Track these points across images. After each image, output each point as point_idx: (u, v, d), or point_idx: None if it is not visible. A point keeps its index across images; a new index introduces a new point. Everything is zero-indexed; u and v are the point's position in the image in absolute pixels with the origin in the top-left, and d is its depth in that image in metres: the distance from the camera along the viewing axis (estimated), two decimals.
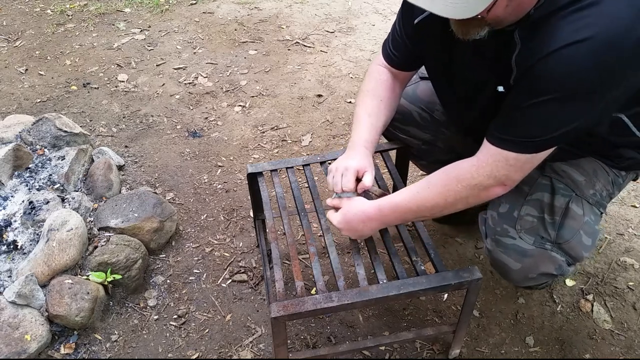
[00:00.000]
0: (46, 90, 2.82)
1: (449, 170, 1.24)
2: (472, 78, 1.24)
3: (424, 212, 1.31)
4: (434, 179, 1.26)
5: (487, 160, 1.16)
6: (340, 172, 1.39)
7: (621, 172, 1.37)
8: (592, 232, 1.31)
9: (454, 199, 1.23)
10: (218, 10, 3.55)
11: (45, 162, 2.05)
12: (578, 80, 1.00)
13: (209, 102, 2.72)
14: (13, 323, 1.54)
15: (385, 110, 1.48)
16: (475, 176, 1.18)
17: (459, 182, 1.21)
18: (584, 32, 0.97)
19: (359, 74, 2.89)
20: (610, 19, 0.97)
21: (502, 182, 1.18)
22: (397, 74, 1.50)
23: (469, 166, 1.19)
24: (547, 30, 1.01)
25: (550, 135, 1.09)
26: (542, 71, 1.01)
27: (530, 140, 1.11)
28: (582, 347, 1.61)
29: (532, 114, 1.07)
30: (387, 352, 1.62)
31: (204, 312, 1.75)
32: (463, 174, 1.20)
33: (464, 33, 1.08)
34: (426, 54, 1.38)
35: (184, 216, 2.09)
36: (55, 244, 1.67)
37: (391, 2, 3.57)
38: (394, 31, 1.44)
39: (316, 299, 1.24)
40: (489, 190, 1.20)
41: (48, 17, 3.51)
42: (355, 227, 1.36)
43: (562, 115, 1.05)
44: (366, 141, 1.43)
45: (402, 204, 1.30)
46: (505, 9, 1.01)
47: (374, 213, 1.33)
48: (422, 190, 1.27)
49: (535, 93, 1.04)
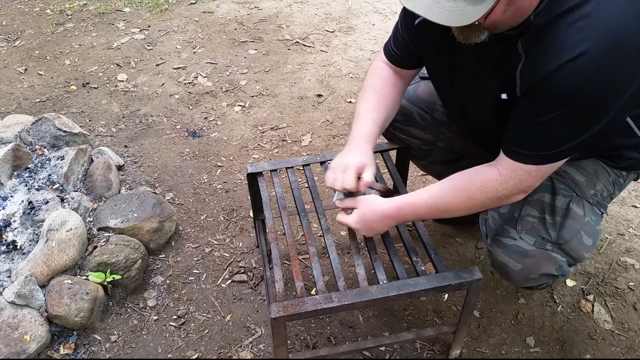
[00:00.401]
0: (45, 90, 2.82)
1: (472, 179, 1.24)
2: (474, 82, 1.25)
3: (442, 214, 1.35)
4: (457, 186, 1.27)
5: (510, 175, 1.18)
6: (340, 169, 1.37)
7: (622, 172, 1.37)
8: (593, 232, 1.31)
9: (475, 206, 1.26)
10: (218, 9, 3.55)
11: (45, 162, 2.04)
12: (587, 92, 1.01)
13: (209, 102, 2.72)
14: (12, 323, 1.54)
15: (387, 106, 1.46)
16: (500, 190, 1.20)
17: (483, 193, 1.22)
18: (585, 44, 0.97)
19: (359, 73, 2.89)
20: (610, 25, 0.97)
21: (524, 190, 1.22)
22: (399, 72, 1.49)
23: (493, 179, 1.20)
24: (549, 42, 1.02)
25: (568, 145, 1.11)
26: (551, 87, 1.03)
27: (549, 152, 1.13)
28: (583, 348, 1.61)
29: (547, 129, 1.08)
30: (387, 352, 1.61)
31: (203, 313, 1.74)
32: (488, 187, 1.21)
33: (464, 37, 1.09)
34: (427, 54, 1.38)
35: (184, 216, 2.09)
36: (55, 244, 1.66)
37: (391, 2, 3.57)
38: (396, 30, 1.43)
39: (316, 299, 1.24)
40: (510, 199, 1.23)
41: (47, 17, 3.50)
42: (373, 226, 1.36)
43: (577, 126, 1.07)
44: (366, 135, 1.41)
45: (423, 206, 1.30)
46: (503, 14, 1.01)
47: (393, 213, 1.33)
48: (445, 196, 1.27)
49: (547, 109, 1.06)
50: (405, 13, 1.37)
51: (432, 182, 2.18)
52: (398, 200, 1.34)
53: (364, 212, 1.35)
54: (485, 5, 0.95)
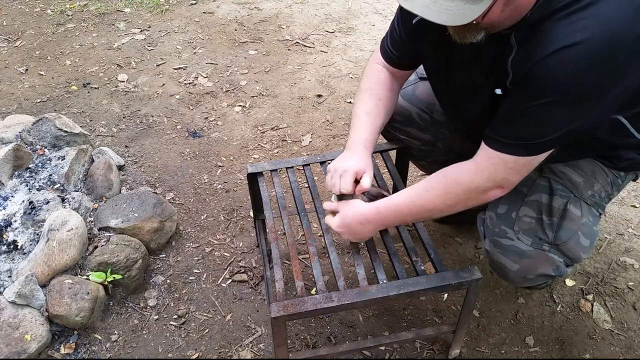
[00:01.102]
0: (46, 90, 2.83)
1: (447, 173, 1.24)
2: (469, 80, 1.24)
3: (423, 214, 1.32)
4: (433, 182, 1.26)
5: (486, 163, 1.16)
6: (338, 173, 1.38)
7: (620, 172, 1.37)
8: (590, 233, 1.31)
9: (453, 201, 1.24)
10: (218, 10, 3.55)
11: (46, 162, 2.05)
12: (575, 83, 0.99)
13: (209, 102, 2.72)
14: (13, 323, 1.54)
15: (384, 109, 1.48)
16: (474, 180, 1.19)
17: (458, 185, 1.21)
18: (580, 35, 0.96)
19: (359, 74, 2.89)
20: (607, 20, 0.96)
21: (500, 185, 1.19)
22: (395, 73, 1.49)
23: (468, 170, 1.20)
24: (543, 34, 1.01)
25: (548, 137, 1.08)
26: (538, 74, 1.01)
27: (528, 142, 1.10)
28: (582, 347, 1.62)
29: (529, 117, 1.07)
30: (387, 352, 1.62)
31: (204, 312, 1.75)
32: (462, 178, 1.21)
33: (460, 37, 1.08)
34: (424, 53, 1.37)
35: (184, 216, 2.10)
36: (55, 244, 1.67)
37: (391, 2, 3.57)
38: (392, 29, 1.43)
39: (316, 299, 1.25)
40: (487, 193, 1.21)
41: (48, 17, 3.51)
42: (355, 230, 1.36)
43: (559, 117, 1.05)
44: (365, 140, 1.42)
45: (401, 207, 1.30)
46: (500, 14, 1.01)
47: (372, 215, 1.33)
48: (422, 193, 1.27)
49: (532, 96, 1.04)
50: (402, 12, 1.36)
51: None
52: (377, 203, 1.33)
53: (344, 215, 1.35)
54: (483, 4, 0.95)
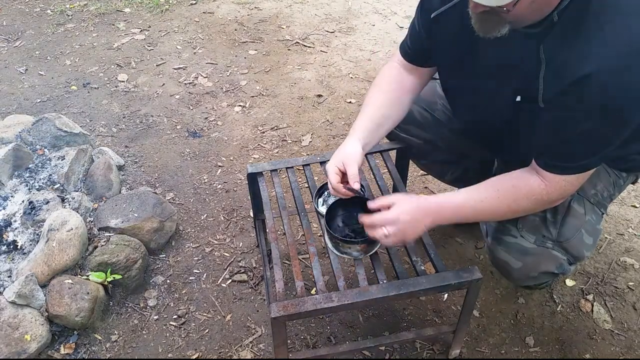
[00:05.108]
0: (46, 90, 2.82)
1: (518, 185, 1.22)
2: (488, 81, 1.23)
3: (485, 218, 1.33)
4: (502, 189, 1.23)
5: (555, 187, 1.18)
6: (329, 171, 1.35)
7: (622, 173, 1.37)
8: (593, 231, 1.31)
9: (519, 211, 1.25)
10: (218, 10, 3.55)
11: (45, 162, 2.05)
12: (617, 102, 1.01)
13: (209, 102, 2.72)
14: (13, 323, 1.54)
15: (385, 100, 1.43)
16: (546, 199, 1.20)
17: (530, 201, 1.21)
18: (611, 52, 0.98)
19: (359, 74, 2.89)
20: (635, 34, 0.98)
21: (566, 196, 1.23)
22: (411, 69, 1.45)
23: (540, 189, 1.19)
24: (576, 50, 1.02)
25: (602, 154, 1.13)
26: (581, 99, 1.03)
27: (589, 161, 1.14)
28: (582, 347, 1.61)
29: (583, 140, 1.10)
30: (387, 352, 1.61)
31: (204, 312, 1.75)
32: (534, 195, 1.20)
33: (484, 30, 1.07)
34: (440, 48, 1.34)
35: (184, 216, 2.09)
36: (55, 244, 1.66)
37: (391, 2, 3.57)
38: (412, 24, 1.40)
39: (316, 299, 1.24)
40: (553, 204, 1.24)
41: (48, 17, 3.51)
42: (412, 223, 1.25)
43: (608, 137, 1.10)
44: (355, 129, 1.38)
45: (465, 207, 1.25)
46: (529, 5, 1.00)
47: (434, 208, 1.26)
48: (490, 199, 1.23)
49: (580, 122, 1.07)
50: (423, 5, 1.34)
51: (432, 182, 2.20)
52: (440, 199, 1.30)
53: (402, 209, 1.23)
54: None
